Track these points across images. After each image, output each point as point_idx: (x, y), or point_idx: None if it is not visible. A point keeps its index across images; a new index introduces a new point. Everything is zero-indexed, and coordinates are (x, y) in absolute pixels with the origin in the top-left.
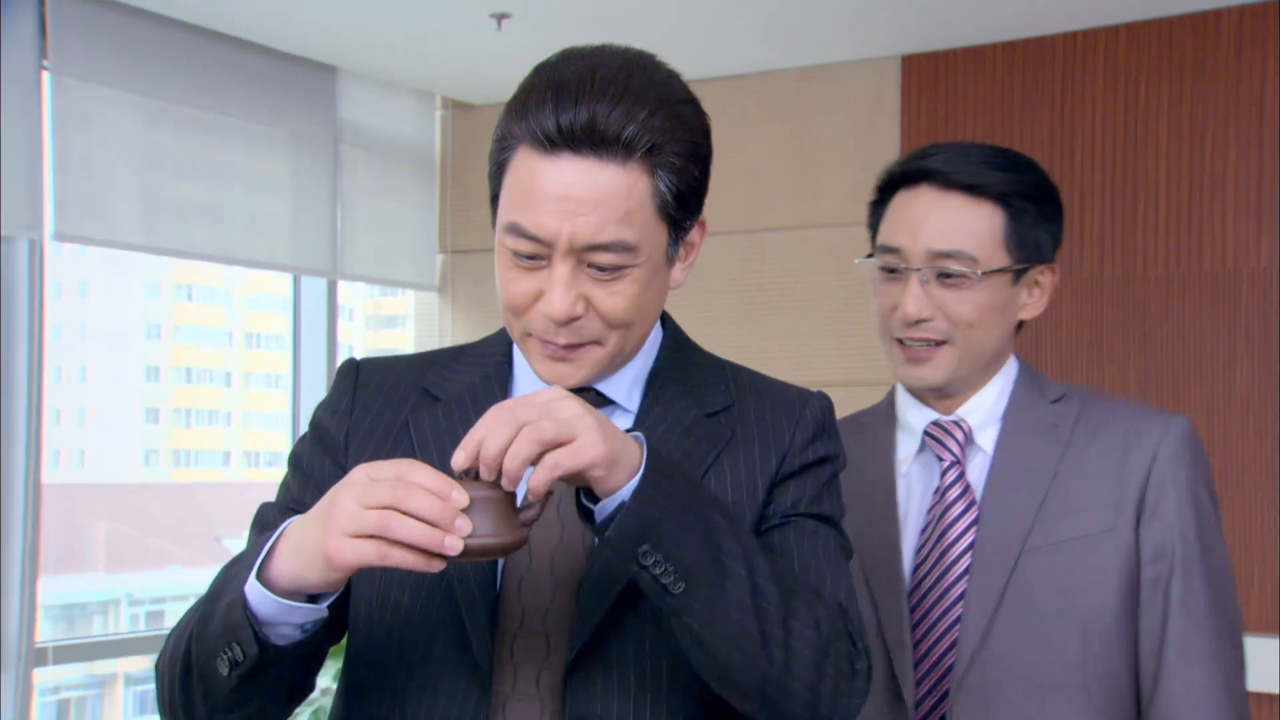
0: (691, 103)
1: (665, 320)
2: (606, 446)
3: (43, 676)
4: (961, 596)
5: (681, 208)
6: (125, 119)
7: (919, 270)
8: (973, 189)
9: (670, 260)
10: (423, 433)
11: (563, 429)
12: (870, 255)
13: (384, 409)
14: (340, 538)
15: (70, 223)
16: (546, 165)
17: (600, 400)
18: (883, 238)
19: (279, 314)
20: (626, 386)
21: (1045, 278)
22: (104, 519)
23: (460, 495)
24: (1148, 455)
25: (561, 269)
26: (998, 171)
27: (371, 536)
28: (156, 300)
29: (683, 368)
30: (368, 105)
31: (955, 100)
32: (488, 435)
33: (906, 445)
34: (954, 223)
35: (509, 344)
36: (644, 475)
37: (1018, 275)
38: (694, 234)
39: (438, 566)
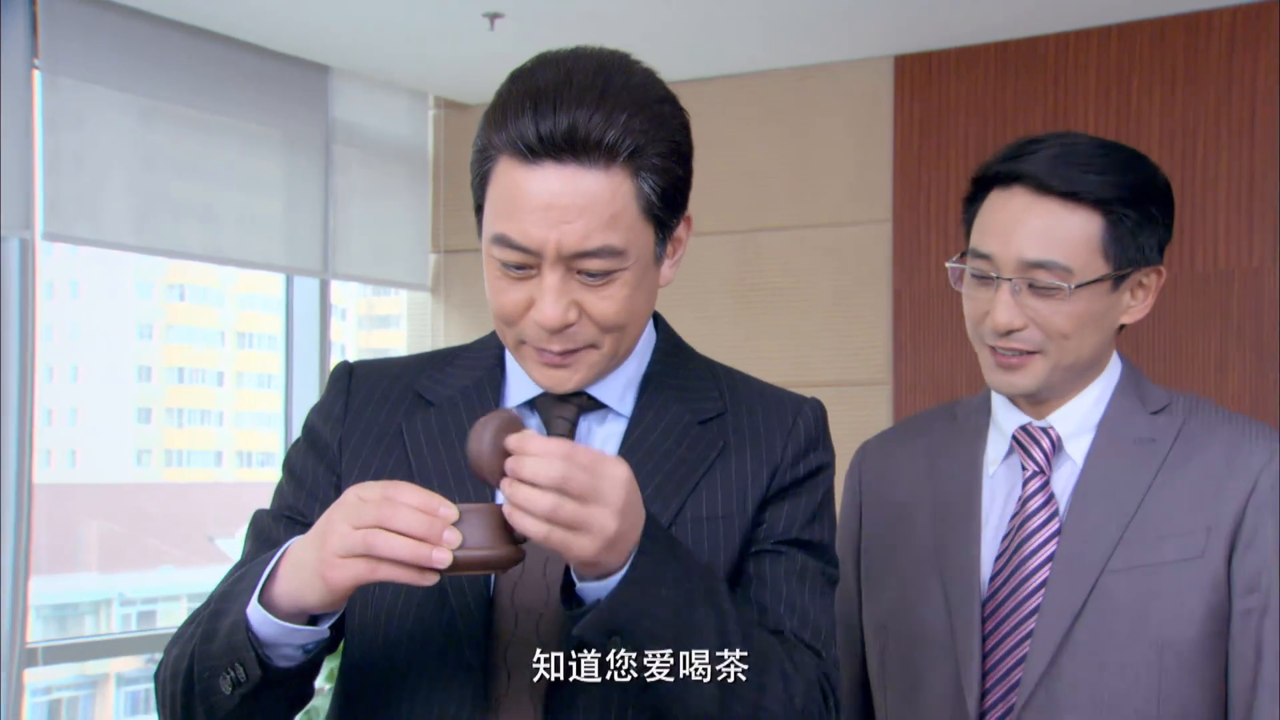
0: (670, 101)
1: (658, 323)
2: (596, 554)
3: (34, 677)
4: (1036, 611)
5: (667, 207)
6: (117, 118)
7: (1010, 280)
8: (1068, 195)
9: (659, 259)
10: (415, 437)
11: (580, 519)
12: (962, 255)
13: (377, 413)
14: (332, 558)
15: (61, 222)
16: (529, 175)
17: (593, 404)
18: (974, 241)
19: (272, 314)
20: (620, 390)
21: (1150, 279)
22: (96, 519)
23: (448, 509)
24: (1249, 480)
25: (551, 277)
26: (1097, 175)
27: (361, 555)
28: (149, 300)
29: (676, 372)
30: (361, 105)
31: (948, 100)
32: (533, 470)
33: (997, 446)
34: (1047, 231)
35: (501, 347)
36: (628, 574)
37: (1117, 281)
38: (681, 230)
39: (430, 580)
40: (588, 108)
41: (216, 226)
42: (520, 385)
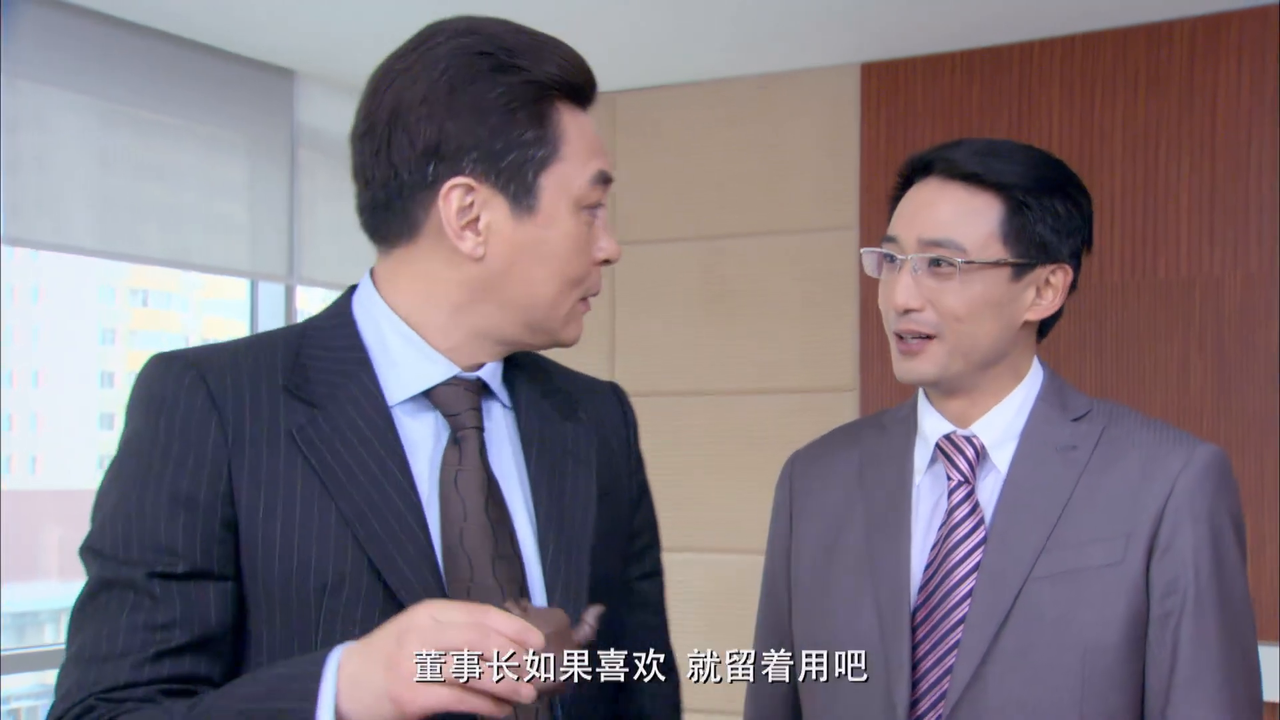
0: None
1: None
2: None
3: None
4: (962, 621)
5: None
6: (78, 121)
7: (910, 259)
8: (974, 178)
9: None
10: (312, 444)
11: None
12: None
13: (255, 418)
14: (411, 685)
15: (21, 226)
16: (586, 119)
17: (485, 391)
18: (889, 228)
19: (237, 319)
20: (491, 370)
21: (1056, 278)
22: (57, 526)
23: (536, 638)
24: (1165, 486)
25: (604, 214)
26: (1003, 162)
27: (448, 684)
28: (111, 304)
29: (520, 363)
30: (326, 109)
31: (914, 107)
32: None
33: (922, 455)
34: (949, 212)
35: (356, 334)
36: None
37: (1018, 271)
38: None
39: (504, 711)
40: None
41: (180, 231)
42: (404, 379)
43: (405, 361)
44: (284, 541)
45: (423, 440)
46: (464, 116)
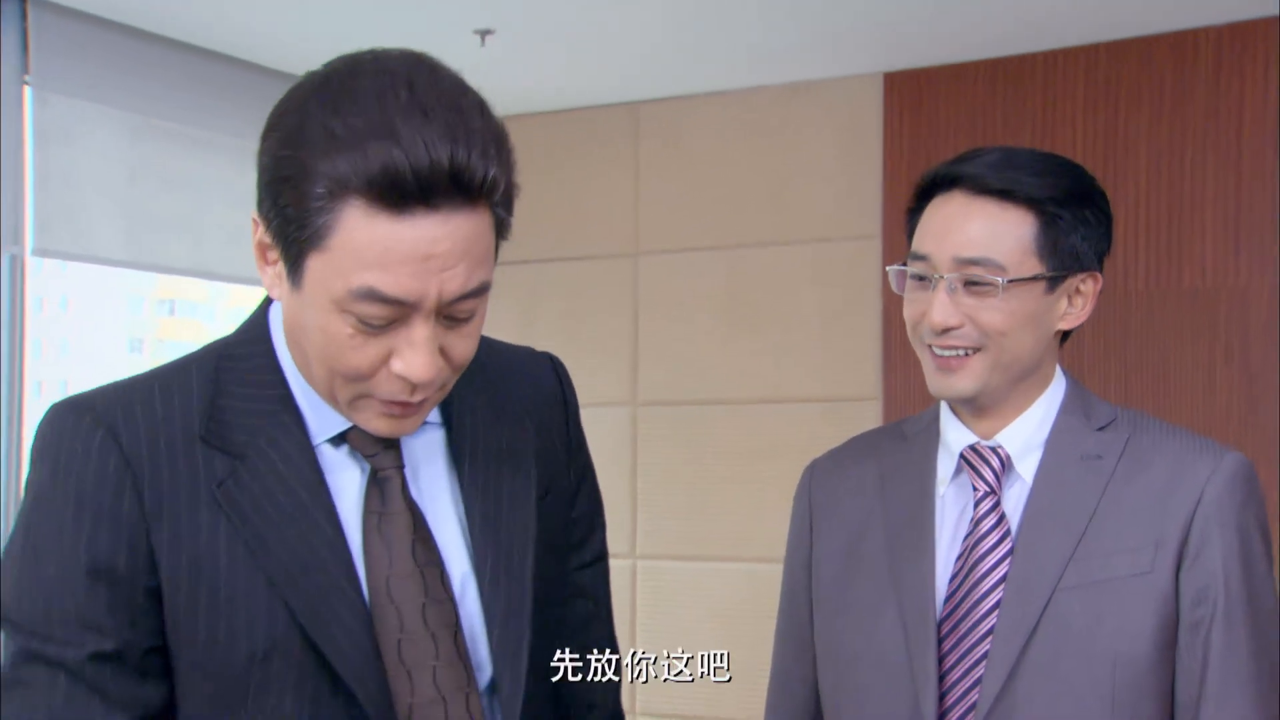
0: (488, 105)
1: None
2: None
3: None
4: (991, 631)
5: (508, 225)
6: (107, 134)
7: (945, 278)
8: (1004, 194)
9: None
10: (238, 507)
11: None
12: (904, 263)
13: (173, 478)
14: None
15: (51, 238)
16: (401, 223)
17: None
18: (914, 244)
19: None
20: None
21: (1088, 286)
22: None
23: None
24: (1193, 495)
25: (424, 330)
26: (1032, 176)
27: None
28: (139, 315)
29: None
30: None
31: (937, 117)
32: None
33: (945, 465)
34: (983, 229)
35: (275, 370)
36: None
37: (1053, 283)
38: None
39: None
40: (462, 144)
41: (206, 242)
42: (323, 419)
43: (315, 405)
44: (210, 610)
45: (347, 482)
46: (270, 157)
